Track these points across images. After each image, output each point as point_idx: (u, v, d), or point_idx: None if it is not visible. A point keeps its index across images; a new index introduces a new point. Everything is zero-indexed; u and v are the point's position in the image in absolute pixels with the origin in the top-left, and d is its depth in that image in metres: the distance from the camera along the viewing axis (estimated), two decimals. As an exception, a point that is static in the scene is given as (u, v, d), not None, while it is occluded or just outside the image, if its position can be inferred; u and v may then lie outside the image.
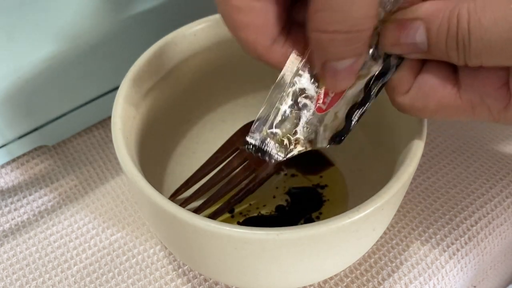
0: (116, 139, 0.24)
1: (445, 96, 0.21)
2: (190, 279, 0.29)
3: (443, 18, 0.19)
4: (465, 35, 0.18)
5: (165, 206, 0.21)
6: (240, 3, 0.19)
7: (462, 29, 0.18)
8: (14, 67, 0.31)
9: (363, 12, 0.18)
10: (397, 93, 0.22)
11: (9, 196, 0.33)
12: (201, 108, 0.34)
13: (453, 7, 0.19)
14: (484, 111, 0.20)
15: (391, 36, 0.20)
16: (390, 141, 0.28)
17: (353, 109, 0.22)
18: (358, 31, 0.19)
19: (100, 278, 0.29)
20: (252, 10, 0.20)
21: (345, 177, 0.32)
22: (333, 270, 0.26)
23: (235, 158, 0.29)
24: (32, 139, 0.35)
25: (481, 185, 0.33)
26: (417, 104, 0.21)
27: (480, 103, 0.20)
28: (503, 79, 0.20)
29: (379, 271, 0.29)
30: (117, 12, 0.33)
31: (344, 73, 0.21)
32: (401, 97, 0.22)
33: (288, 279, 0.24)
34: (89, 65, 0.34)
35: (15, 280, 0.29)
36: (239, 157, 0.29)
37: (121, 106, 0.26)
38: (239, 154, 0.29)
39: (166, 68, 0.29)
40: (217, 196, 0.29)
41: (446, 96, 0.21)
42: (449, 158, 0.35)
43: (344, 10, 0.18)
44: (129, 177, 0.23)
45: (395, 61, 0.21)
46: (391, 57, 0.21)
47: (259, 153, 0.22)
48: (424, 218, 0.32)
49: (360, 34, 0.19)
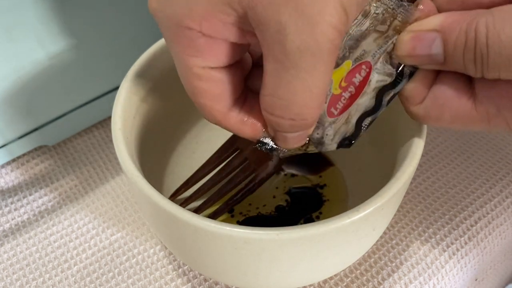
0: (116, 139, 0.24)
1: (460, 108, 0.21)
2: (190, 279, 0.29)
3: (461, 31, 0.19)
4: (483, 49, 0.18)
5: (165, 206, 0.21)
6: (200, 72, 0.20)
7: (481, 43, 0.18)
8: (14, 67, 0.31)
9: (306, 103, 0.19)
10: (411, 103, 0.22)
11: (9, 196, 0.33)
12: (201, 108, 0.34)
13: (470, 20, 0.19)
14: (501, 122, 0.20)
15: (406, 47, 0.20)
16: (390, 141, 0.28)
17: (364, 116, 0.22)
18: (302, 119, 0.20)
19: (100, 278, 0.29)
20: (210, 79, 0.20)
21: (345, 177, 0.32)
22: (333, 270, 0.26)
23: (235, 158, 0.29)
24: (32, 139, 0.35)
25: (480, 185, 0.33)
26: (432, 114, 0.21)
27: (497, 115, 0.20)
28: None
29: (379, 271, 0.29)
30: (117, 12, 0.33)
31: (294, 140, 0.21)
32: (415, 107, 0.22)
33: (288, 279, 0.24)
34: (89, 65, 0.34)
35: (15, 280, 0.29)
36: (239, 157, 0.29)
37: (121, 106, 0.26)
38: (239, 154, 0.29)
39: (166, 68, 0.29)
40: (217, 196, 0.29)
41: (462, 107, 0.21)
42: (449, 158, 0.35)
43: (288, 99, 0.19)
44: (129, 177, 0.23)
45: (409, 71, 0.21)
46: (405, 67, 0.21)
47: (272, 151, 0.22)
48: (424, 218, 0.32)
49: (304, 122, 0.20)
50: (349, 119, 0.22)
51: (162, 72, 0.29)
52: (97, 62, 0.34)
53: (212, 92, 0.21)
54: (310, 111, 0.20)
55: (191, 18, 0.19)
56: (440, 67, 0.20)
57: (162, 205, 0.21)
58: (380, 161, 0.30)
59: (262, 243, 0.21)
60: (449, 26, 0.19)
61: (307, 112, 0.19)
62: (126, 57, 0.32)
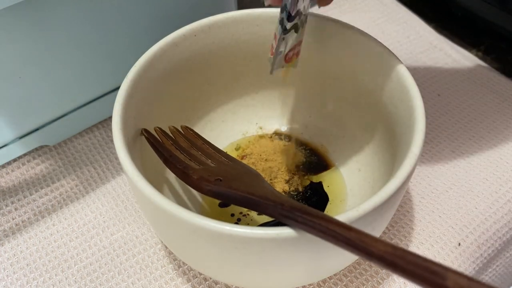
0: (117, 139, 0.24)
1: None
2: (190, 279, 0.29)
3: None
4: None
5: (165, 206, 0.21)
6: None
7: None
8: (14, 67, 0.31)
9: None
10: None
11: (10, 196, 0.33)
12: (201, 108, 0.34)
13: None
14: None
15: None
16: (390, 141, 0.28)
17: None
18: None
19: (100, 277, 0.29)
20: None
21: (345, 177, 0.32)
22: (333, 270, 0.26)
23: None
24: (33, 139, 0.35)
25: (479, 184, 0.34)
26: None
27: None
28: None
29: (378, 270, 0.30)
30: (118, 12, 0.33)
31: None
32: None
33: (287, 279, 0.24)
34: (89, 65, 0.34)
35: (16, 279, 0.29)
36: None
37: (122, 106, 0.26)
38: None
39: (167, 68, 0.29)
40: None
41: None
42: (449, 158, 0.35)
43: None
44: (129, 177, 0.23)
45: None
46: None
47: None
48: (422, 217, 0.32)
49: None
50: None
51: (162, 72, 0.29)
52: (97, 62, 0.34)
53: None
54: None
55: None
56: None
57: (162, 205, 0.21)
58: (380, 161, 0.30)
59: (262, 243, 0.21)
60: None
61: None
62: (126, 57, 0.32)
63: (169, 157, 0.26)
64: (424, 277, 0.15)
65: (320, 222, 0.19)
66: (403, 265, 0.16)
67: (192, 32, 0.30)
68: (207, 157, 0.27)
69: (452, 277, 0.15)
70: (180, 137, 0.29)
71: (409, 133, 0.25)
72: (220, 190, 0.23)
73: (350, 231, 0.18)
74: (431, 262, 0.15)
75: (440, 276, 0.15)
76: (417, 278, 0.15)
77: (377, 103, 0.29)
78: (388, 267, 0.16)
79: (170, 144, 0.27)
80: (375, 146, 0.31)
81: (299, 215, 0.20)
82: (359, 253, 0.17)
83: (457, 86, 0.41)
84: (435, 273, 0.15)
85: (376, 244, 0.17)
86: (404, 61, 0.42)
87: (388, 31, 0.45)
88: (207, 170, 0.25)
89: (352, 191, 0.32)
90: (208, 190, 0.24)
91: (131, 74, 0.27)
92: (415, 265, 0.16)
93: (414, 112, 0.25)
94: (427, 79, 0.41)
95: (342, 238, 0.18)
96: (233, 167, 0.27)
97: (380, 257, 0.16)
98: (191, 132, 0.30)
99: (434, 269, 0.15)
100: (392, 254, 0.16)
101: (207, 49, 0.31)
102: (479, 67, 0.42)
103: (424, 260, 0.16)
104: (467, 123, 0.38)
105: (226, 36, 0.31)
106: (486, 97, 0.40)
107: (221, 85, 0.33)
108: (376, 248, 0.17)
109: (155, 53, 0.28)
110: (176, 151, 0.27)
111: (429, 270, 0.15)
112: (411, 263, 0.16)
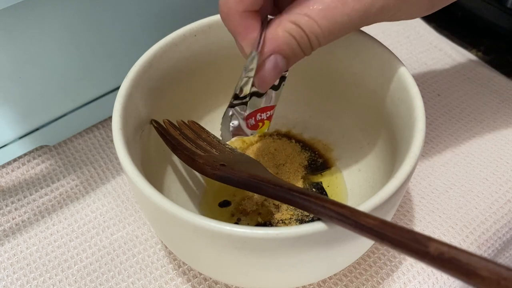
0: (117, 139, 0.24)
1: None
2: (190, 279, 0.29)
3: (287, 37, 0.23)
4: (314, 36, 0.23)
5: (165, 206, 0.21)
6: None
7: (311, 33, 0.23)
8: (15, 67, 0.31)
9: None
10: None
11: (10, 196, 0.33)
12: (201, 108, 0.34)
13: (286, 23, 0.23)
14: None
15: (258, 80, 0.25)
16: (390, 141, 0.28)
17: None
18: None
19: (100, 277, 0.29)
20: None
21: (345, 177, 0.32)
22: (333, 270, 0.26)
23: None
24: (33, 139, 0.35)
25: (479, 184, 0.34)
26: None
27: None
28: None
29: (378, 270, 0.30)
30: (118, 12, 0.33)
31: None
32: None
33: (288, 279, 0.24)
34: (89, 65, 0.34)
35: (16, 279, 0.29)
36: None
37: (122, 106, 0.26)
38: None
39: (166, 68, 0.29)
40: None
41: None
42: (449, 158, 0.35)
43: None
44: (129, 177, 0.23)
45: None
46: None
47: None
48: (422, 217, 0.32)
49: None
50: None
51: (162, 72, 0.29)
52: (97, 62, 0.34)
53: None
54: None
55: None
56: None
57: (162, 205, 0.21)
58: (380, 161, 0.30)
59: (262, 243, 0.21)
60: (279, 42, 0.23)
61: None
62: (126, 57, 0.32)
63: (177, 145, 0.27)
64: (409, 245, 0.17)
65: (316, 201, 0.21)
66: (390, 235, 0.18)
67: (192, 32, 0.30)
68: (211, 147, 0.29)
69: (434, 245, 0.16)
70: (187, 128, 0.30)
71: (409, 133, 0.25)
72: (224, 174, 0.25)
73: (343, 208, 0.20)
74: (414, 233, 0.17)
75: (423, 244, 0.17)
76: (403, 246, 0.17)
77: (377, 103, 0.29)
78: (377, 238, 0.18)
79: (177, 134, 0.29)
80: (375, 146, 0.31)
81: (297, 195, 0.21)
82: (351, 227, 0.19)
83: (457, 86, 0.41)
84: (418, 242, 0.17)
85: (366, 218, 0.19)
86: (404, 61, 0.42)
87: (388, 31, 0.45)
88: (212, 157, 0.27)
89: (352, 191, 0.32)
90: (213, 173, 0.25)
91: (131, 74, 0.27)
92: (401, 235, 0.17)
93: (414, 112, 0.25)
94: (427, 79, 0.41)
95: (336, 214, 0.20)
96: (236, 156, 0.28)
97: (370, 230, 0.18)
98: (197, 125, 0.32)
99: (417, 237, 0.17)
100: (380, 227, 0.18)
101: (207, 49, 0.31)
102: (479, 67, 0.42)
103: (408, 231, 0.17)
104: (467, 123, 0.38)
105: (226, 36, 0.31)
106: (486, 97, 0.40)
107: (221, 85, 0.33)
108: (366, 222, 0.19)
109: (155, 53, 0.28)
110: (184, 140, 0.29)
111: (413, 239, 0.17)
112: (397, 233, 0.18)
